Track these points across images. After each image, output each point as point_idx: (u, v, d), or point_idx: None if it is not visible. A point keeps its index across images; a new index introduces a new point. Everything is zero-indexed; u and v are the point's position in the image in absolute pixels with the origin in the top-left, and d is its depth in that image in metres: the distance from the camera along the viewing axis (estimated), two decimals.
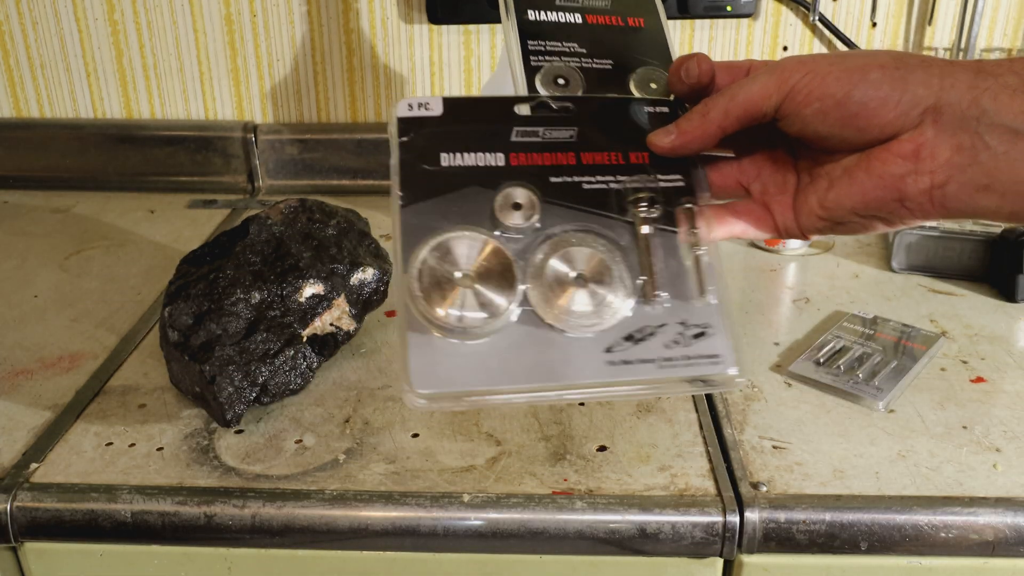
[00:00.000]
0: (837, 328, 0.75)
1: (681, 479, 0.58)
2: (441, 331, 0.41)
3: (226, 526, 0.57)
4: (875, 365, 0.69)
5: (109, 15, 1.07)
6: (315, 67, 1.09)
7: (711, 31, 1.05)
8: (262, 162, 1.10)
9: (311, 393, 0.68)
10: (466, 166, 0.44)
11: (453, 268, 0.41)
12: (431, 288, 0.41)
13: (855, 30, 1.05)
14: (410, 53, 1.07)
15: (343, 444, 0.62)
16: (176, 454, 0.61)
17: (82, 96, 1.11)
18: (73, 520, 0.57)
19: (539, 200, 0.44)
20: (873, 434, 0.62)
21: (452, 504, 0.56)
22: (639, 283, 0.43)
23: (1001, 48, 1.06)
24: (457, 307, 0.41)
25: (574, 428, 0.63)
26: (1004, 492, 0.57)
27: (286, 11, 1.06)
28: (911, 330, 0.75)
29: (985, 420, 0.64)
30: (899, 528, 0.55)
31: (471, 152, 0.44)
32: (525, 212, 0.43)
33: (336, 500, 0.57)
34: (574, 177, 0.45)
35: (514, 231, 0.43)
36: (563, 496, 0.57)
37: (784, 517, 0.56)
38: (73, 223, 1.01)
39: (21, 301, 0.83)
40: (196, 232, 0.98)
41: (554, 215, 0.44)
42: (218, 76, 1.10)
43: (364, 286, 0.72)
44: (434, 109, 0.45)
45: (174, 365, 0.66)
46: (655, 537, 0.56)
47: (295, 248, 0.70)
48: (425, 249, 0.42)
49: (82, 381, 0.70)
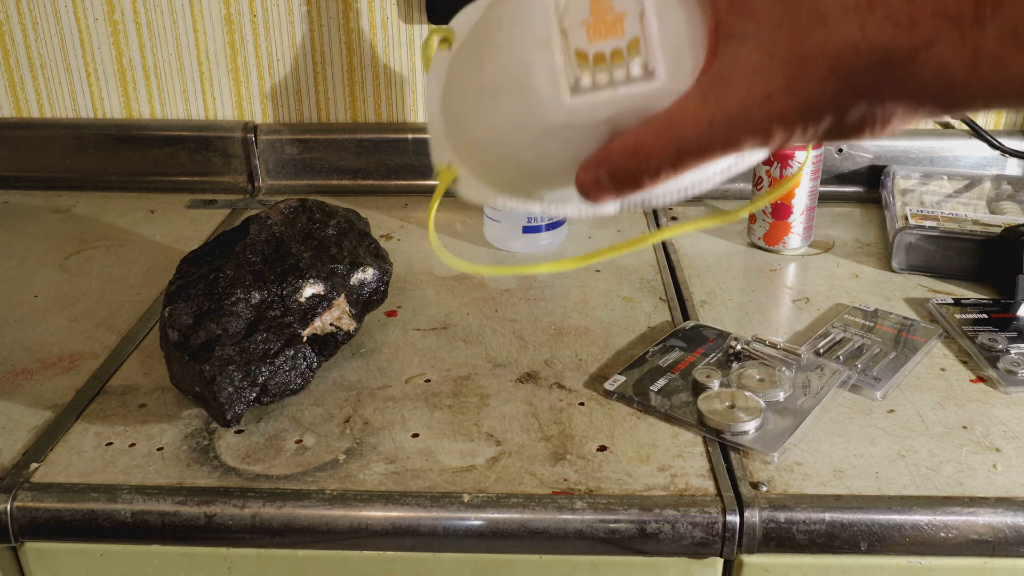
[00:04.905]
0: (838, 319, 0.75)
1: (681, 479, 0.58)
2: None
3: (226, 526, 0.57)
4: (874, 356, 0.70)
5: (109, 15, 1.07)
6: (315, 67, 1.09)
7: None
8: (262, 162, 1.10)
9: (311, 393, 0.68)
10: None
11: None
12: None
13: None
14: (410, 53, 1.07)
15: (343, 444, 0.62)
16: (176, 454, 0.61)
17: (82, 96, 1.11)
18: (73, 520, 0.57)
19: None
20: (873, 434, 0.62)
21: (452, 504, 0.56)
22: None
23: None
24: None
25: (574, 428, 0.63)
26: (1004, 492, 0.57)
27: (286, 11, 1.06)
28: (911, 323, 0.75)
29: (985, 420, 0.64)
30: (899, 528, 0.55)
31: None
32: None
33: (336, 500, 0.57)
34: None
35: None
36: (563, 496, 0.57)
37: (784, 517, 0.56)
38: (73, 223, 1.01)
39: (21, 301, 0.83)
40: (196, 232, 0.98)
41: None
42: (218, 76, 1.09)
43: (364, 286, 0.72)
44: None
45: (174, 365, 0.66)
46: (655, 537, 0.56)
47: (295, 248, 0.70)
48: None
49: (82, 381, 0.70)
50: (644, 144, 0.32)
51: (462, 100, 0.36)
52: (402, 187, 1.09)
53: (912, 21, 0.28)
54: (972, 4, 0.27)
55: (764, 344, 0.72)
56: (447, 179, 0.38)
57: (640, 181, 0.33)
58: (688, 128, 0.32)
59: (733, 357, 0.70)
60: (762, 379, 0.66)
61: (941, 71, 0.28)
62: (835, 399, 0.66)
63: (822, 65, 0.29)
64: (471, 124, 0.36)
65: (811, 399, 0.65)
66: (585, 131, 0.33)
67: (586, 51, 0.32)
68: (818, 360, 0.70)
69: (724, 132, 0.31)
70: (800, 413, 0.63)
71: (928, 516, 0.56)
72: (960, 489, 0.57)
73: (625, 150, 0.33)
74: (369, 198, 1.07)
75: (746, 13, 0.30)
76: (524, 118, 0.34)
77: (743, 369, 0.68)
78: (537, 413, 0.65)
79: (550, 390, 0.68)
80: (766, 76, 0.30)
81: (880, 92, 0.29)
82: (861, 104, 0.30)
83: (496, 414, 0.65)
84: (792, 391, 0.65)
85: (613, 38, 0.32)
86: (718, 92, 0.31)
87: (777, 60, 0.30)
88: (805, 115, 0.30)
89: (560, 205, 0.38)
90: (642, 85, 0.32)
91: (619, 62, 0.32)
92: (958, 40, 0.27)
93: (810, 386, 0.66)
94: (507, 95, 0.34)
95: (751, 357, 0.70)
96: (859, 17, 0.28)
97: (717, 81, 0.31)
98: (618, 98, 0.32)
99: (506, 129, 0.35)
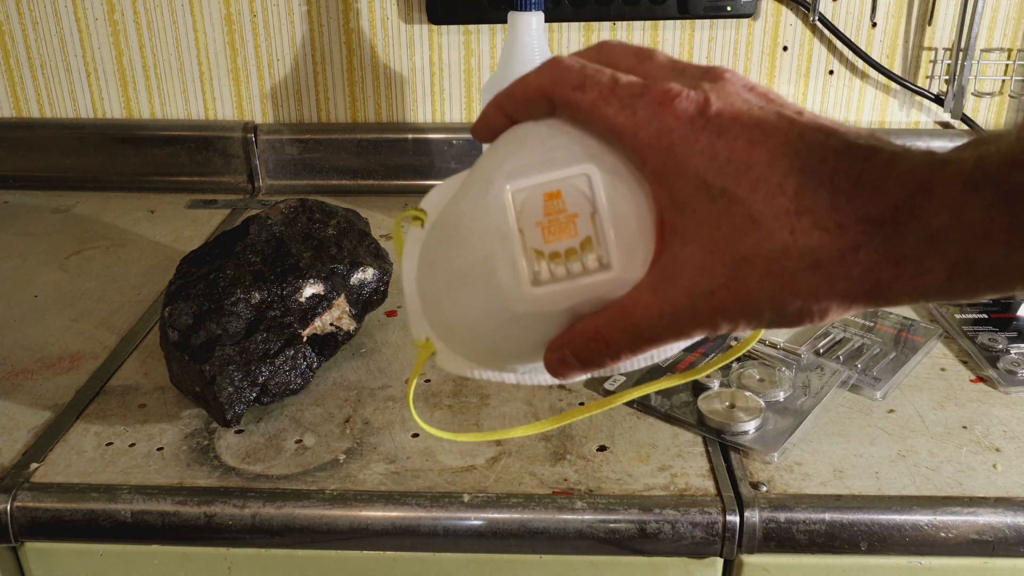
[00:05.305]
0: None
1: (681, 479, 0.58)
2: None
3: (226, 526, 0.57)
4: (874, 356, 0.70)
5: (109, 15, 1.07)
6: (315, 67, 1.09)
7: (711, 31, 1.05)
8: (262, 162, 1.10)
9: (311, 393, 0.68)
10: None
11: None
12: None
13: (855, 30, 1.05)
14: (410, 53, 1.07)
15: (343, 444, 0.62)
16: (176, 454, 0.61)
17: (82, 96, 1.11)
18: (73, 520, 0.57)
19: None
20: (873, 434, 0.62)
21: (452, 504, 0.56)
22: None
23: (1001, 48, 1.06)
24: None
25: (574, 428, 0.63)
26: (1004, 492, 0.57)
27: (286, 11, 1.06)
28: (911, 323, 0.75)
29: (985, 420, 0.64)
30: (899, 528, 0.55)
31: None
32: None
33: (336, 500, 0.57)
34: None
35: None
36: (563, 496, 0.57)
37: (784, 517, 0.56)
38: (73, 223, 1.01)
39: (21, 301, 0.83)
40: (196, 232, 0.98)
41: None
42: (218, 76, 1.09)
43: (364, 286, 0.72)
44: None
45: (174, 365, 0.66)
46: (655, 537, 0.56)
47: (295, 248, 0.70)
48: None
49: (82, 381, 0.70)
50: (603, 330, 0.35)
51: (434, 285, 0.39)
52: (402, 187, 1.09)
53: (839, 227, 0.30)
54: (892, 211, 0.29)
55: (764, 344, 0.72)
56: (425, 353, 0.41)
57: (602, 363, 0.36)
58: (641, 318, 0.34)
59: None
60: (762, 379, 0.66)
61: (868, 272, 0.30)
62: (835, 399, 0.66)
63: (758, 266, 0.31)
64: (444, 308, 0.39)
65: (811, 399, 0.65)
66: (548, 318, 0.36)
67: (542, 250, 0.35)
68: (818, 360, 0.70)
69: (673, 323, 0.33)
70: (800, 413, 0.63)
71: (928, 516, 0.55)
72: (960, 489, 0.57)
73: (586, 335, 0.35)
74: (369, 198, 1.07)
75: (686, 214, 0.33)
76: (490, 307, 0.37)
77: (743, 369, 0.68)
78: (537, 413, 0.65)
79: (550, 390, 0.68)
80: (708, 274, 0.32)
81: (814, 291, 0.31)
82: (797, 301, 0.31)
83: (496, 414, 0.65)
84: (792, 391, 0.65)
85: (567, 238, 0.35)
86: (666, 286, 0.33)
87: (718, 259, 0.32)
88: (746, 310, 0.32)
89: (532, 376, 0.41)
90: (598, 276, 0.35)
91: (574, 258, 0.35)
92: (881, 244, 0.29)
93: (810, 386, 0.66)
94: (473, 286, 0.37)
95: (751, 357, 0.70)
96: (789, 222, 0.30)
97: (665, 275, 0.33)
98: (576, 288, 0.35)
99: (474, 315, 0.37)
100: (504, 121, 0.38)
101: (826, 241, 0.30)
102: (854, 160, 0.30)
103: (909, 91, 1.07)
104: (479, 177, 0.37)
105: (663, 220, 0.34)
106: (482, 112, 0.39)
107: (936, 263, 0.29)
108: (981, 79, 1.07)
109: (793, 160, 0.31)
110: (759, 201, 0.31)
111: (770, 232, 0.31)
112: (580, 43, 1.06)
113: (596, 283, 0.35)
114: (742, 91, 0.33)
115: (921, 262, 0.29)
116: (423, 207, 0.41)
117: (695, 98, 0.33)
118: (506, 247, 0.36)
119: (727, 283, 0.32)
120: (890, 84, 1.07)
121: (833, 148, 0.31)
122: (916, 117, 1.09)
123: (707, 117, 0.32)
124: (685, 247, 0.33)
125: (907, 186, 0.29)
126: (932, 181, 0.28)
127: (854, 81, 1.07)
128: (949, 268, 0.29)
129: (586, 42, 1.06)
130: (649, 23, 1.05)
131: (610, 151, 0.35)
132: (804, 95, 1.08)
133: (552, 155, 0.36)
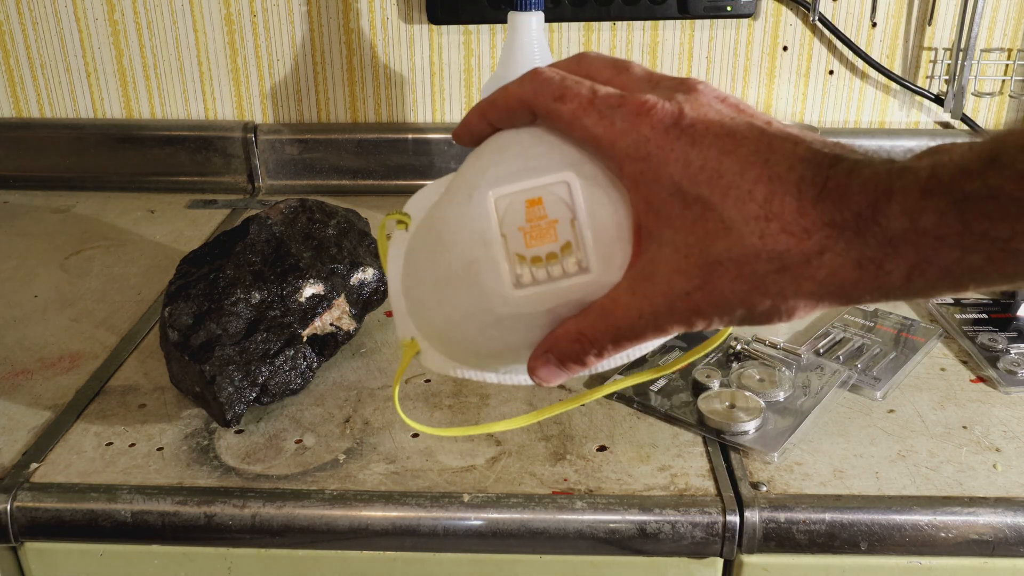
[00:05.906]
0: (838, 319, 0.75)
1: (681, 479, 0.58)
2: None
3: (226, 526, 0.57)
4: (874, 356, 0.70)
5: (109, 15, 1.07)
6: (315, 67, 1.09)
7: (711, 31, 1.05)
8: (262, 162, 1.10)
9: (311, 393, 0.68)
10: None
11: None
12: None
13: (855, 30, 1.05)
14: (410, 53, 1.07)
15: (343, 444, 0.62)
16: (176, 454, 0.61)
17: (82, 96, 1.11)
18: (73, 520, 0.57)
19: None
20: (873, 434, 0.62)
21: (452, 504, 0.56)
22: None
23: (1001, 48, 1.06)
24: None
25: (574, 428, 0.63)
26: (1004, 492, 0.57)
27: (286, 11, 1.06)
28: (911, 323, 0.75)
29: (985, 420, 0.64)
30: (899, 528, 0.55)
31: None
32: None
33: (336, 500, 0.57)
34: None
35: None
36: (563, 496, 0.57)
37: (784, 517, 0.56)
38: (73, 223, 1.01)
39: (21, 301, 0.83)
40: (196, 232, 0.98)
41: None
42: (218, 76, 1.09)
43: (364, 286, 0.72)
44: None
45: (174, 365, 0.66)
46: (655, 537, 0.56)
47: (295, 248, 0.70)
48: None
49: (82, 381, 0.70)
50: (585, 331, 0.37)
51: (419, 288, 0.40)
52: (402, 187, 1.09)
53: (805, 231, 0.32)
54: (855, 217, 0.31)
55: (764, 344, 0.72)
56: (410, 353, 0.42)
57: (586, 362, 0.38)
58: (621, 318, 0.36)
59: (733, 357, 0.70)
60: (762, 379, 0.66)
61: (832, 275, 0.32)
62: (835, 399, 0.66)
63: (730, 269, 0.33)
64: (428, 310, 0.40)
65: (811, 399, 0.65)
66: (530, 319, 0.37)
67: (524, 254, 0.37)
68: (818, 360, 0.70)
69: (652, 322, 0.35)
70: (800, 413, 0.63)
71: (928, 516, 0.56)
72: (960, 489, 0.57)
73: (569, 337, 0.37)
74: (369, 198, 1.07)
75: (662, 219, 0.34)
76: (474, 310, 0.38)
77: (743, 369, 0.68)
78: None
79: (550, 390, 0.68)
80: (683, 276, 0.34)
81: (782, 291, 0.33)
82: (767, 301, 0.33)
83: (496, 414, 0.65)
84: (792, 391, 0.65)
85: (548, 243, 0.36)
86: (644, 287, 0.35)
87: (692, 262, 0.34)
88: (720, 310, 0.34)
89: (514, 376, 0.43)
90: (577, 279, 0.36)
91: (554, 261, 0.37)
92: (844, 248, 0.31)
93: (810, 386, 0.66)
94: (457, 289, 0.38)
95: (751, 357, 0.70)
96: (759, 227, 0.32)
97: (643, 277, 0.35)
98: (557, 291, 0.37)
99: (458, 318, 0.39)
100: (486, 128, 0.40)
101: (793, 245, 0.32)
102: (819, 168, 0.32)
103: (909, 91, 1.07)
104: (463, 183, 0.38)
105: (640, 225, 0.36)
106: (465, 118, 0.41)
107: (895, 265, 0.31)
108: (981, 79, 1.07)
109: (762, 168, 0.32)
110: (731, 207, 0.33)
111: (741, 236, 0.32)
112: (580, 43, 1.06)
113: (576, 285, 0.36)
114: (714, 102, 0.35)
115: (881, 264, 0.31)
116: (407, 211, 0.43)
117: (670, 109, 0.34)
118: (489, 252, 0.37)
119: (702, 284, 0.34)
120: (890, 84, 1.07)
121: (800, 156, 0.32)
122: (916, 117, 1.09)
123: (681, 127, 0.34)
124: (662, 250, 0.35)
125: (869, 193, 0.30)
126: (892, 189, 0.30)
127: (854, 81, 1.07)
128: (908, 270, 0.31)
129: (586, 42, 1.06)
130: (649, 23, 1.05)
131: (589, 159, 0.36)
132: (804, 95, 1.09)
133: (533, 163, 0.37)
